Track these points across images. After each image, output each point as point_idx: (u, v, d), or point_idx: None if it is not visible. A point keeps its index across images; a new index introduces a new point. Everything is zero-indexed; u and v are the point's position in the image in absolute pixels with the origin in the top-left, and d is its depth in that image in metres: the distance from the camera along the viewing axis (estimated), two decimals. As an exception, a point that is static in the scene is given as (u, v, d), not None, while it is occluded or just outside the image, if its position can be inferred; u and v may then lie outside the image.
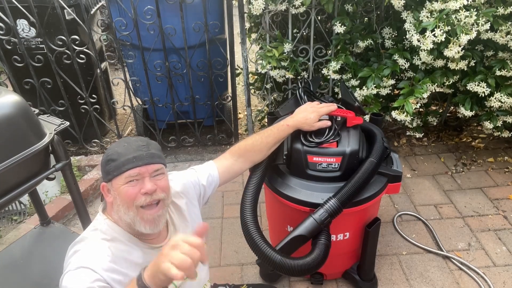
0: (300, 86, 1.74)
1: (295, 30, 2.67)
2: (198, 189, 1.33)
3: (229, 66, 2.78)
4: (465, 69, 2.21)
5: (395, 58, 2.29)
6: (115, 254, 1.02)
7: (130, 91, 2.85)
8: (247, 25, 2.78)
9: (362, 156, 1.55)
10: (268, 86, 2.79)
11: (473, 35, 1.93)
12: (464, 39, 1.92)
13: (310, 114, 1.46)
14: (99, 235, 1.05)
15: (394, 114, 2.29)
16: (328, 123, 1.51)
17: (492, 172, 2.68)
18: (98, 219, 1.11)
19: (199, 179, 1.34)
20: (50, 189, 2.56)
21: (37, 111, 1.33)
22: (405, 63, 2.28)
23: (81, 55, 2.62)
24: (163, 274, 0.79)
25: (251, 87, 2.99)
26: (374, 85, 2.33)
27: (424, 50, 2.06)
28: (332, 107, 1.51)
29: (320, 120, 1.50)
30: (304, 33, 2.68)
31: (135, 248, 1.08)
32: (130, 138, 1.09)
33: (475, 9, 1.93)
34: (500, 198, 2.44)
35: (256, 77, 3.06)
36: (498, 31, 2.07)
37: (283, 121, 1.48)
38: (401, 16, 2.21)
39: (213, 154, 3.05)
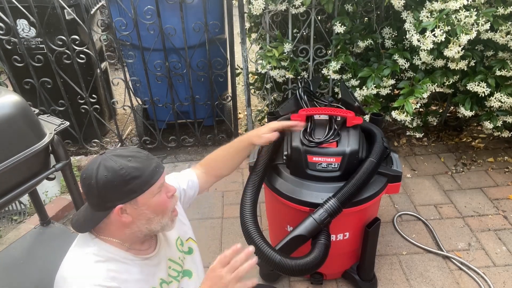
0: (300, 86, 1.75)
1: (295, 30, 2.67)
2: (178, 193, 1.32)
3: (229, 66, 2.78)
4: (465, 69, 2.21)
5: (395, 58, 2.29)
6: (116, 278, 0.98)
7: (130, 91, 2.85)
8: (247, 25, 2.78)
9: (362, 156, 1.55)
10: (268, 86, 2.79)
11: (473, 35, 1.93)
12: (464, 39, 1.92)
13: (263, 127, 1.43)
14: (93, 258, 0.98)
15: (394, 114, 2.29)
16: (276, 134, 1.39)
17: (492, 172, 2.68)
18: (85, 241, 1.02)
19: (179, 183, 1.34)
20: (50, 189, 2.56)
21: (37, 111, 1.33)
22: (405, 63, 2.28)
23: (81, 55, 2.62)
24: None
25: (251, 87, 2.99)
26: (374, 85, 2.33)
27: (424, 50, 2.06)
28: (288, 123, 1.44)
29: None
30: (304, 33, 2.68)
31: (131, 264, 1.05)
32: (122, 150, 1.00)
33: (475, 9, 1.94)
34: (500, 198, 2.44)
35: (256, 77, 3.06)
36: (498, 31, 2.07)
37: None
38: (401, 16, 2.21)
39: (213, 154, 3.04)
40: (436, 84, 2.29)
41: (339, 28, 2.34)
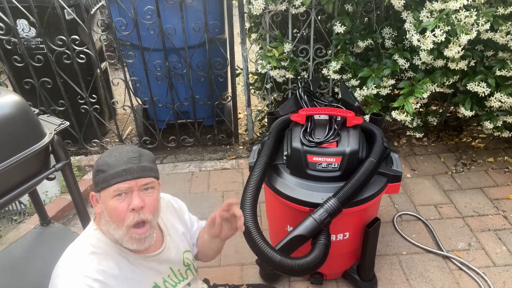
0: (300, 86, 1.75)
1: (295, 30, 2.67)
2: (186, 220, 1.35)
3: (229, 66, 2.78)
4: (465, 69, 2.21)
5: (395, 58, 2.29)
6: (105, 272, 1.00)
7: (130, 91, 2.85)
8: (247, 25, 2.78)
9: (362, 156, 1.55)
10: (268, 86, 2.79)
11: (473, 35, 1.93)
12: (464, 39, 1.92)
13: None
14: (89, 249, 1.03)
15: (394, 114, 2.29)
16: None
17: (492, 172, 2.68)
18: (89, 229, 1.09)
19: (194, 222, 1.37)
20: (50, 189, 2.56)
21: (37, 111, 1.33)
22: (405, 63, 2.28)
23: (81, 55, 2.62)
24: None
25: (251, 87, 2.99)
26: (374, 85, 2.33)
27: (424, 50, 2.06)
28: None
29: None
30: (304, 33, 2.68)
31: (124, 262, 1.06)
32: (123, 147, 1.05)
33: (475, 9, 1.94)
34: (500, 198, 2.44)
35: (256, 77, 3.06)
36: (498, 31, 2.07)
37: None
38: (401, 16, 2.22)
39: (213, 154, 3.05)
40: (436, 84, 2.29)
41: (339, 28, 2.34)
